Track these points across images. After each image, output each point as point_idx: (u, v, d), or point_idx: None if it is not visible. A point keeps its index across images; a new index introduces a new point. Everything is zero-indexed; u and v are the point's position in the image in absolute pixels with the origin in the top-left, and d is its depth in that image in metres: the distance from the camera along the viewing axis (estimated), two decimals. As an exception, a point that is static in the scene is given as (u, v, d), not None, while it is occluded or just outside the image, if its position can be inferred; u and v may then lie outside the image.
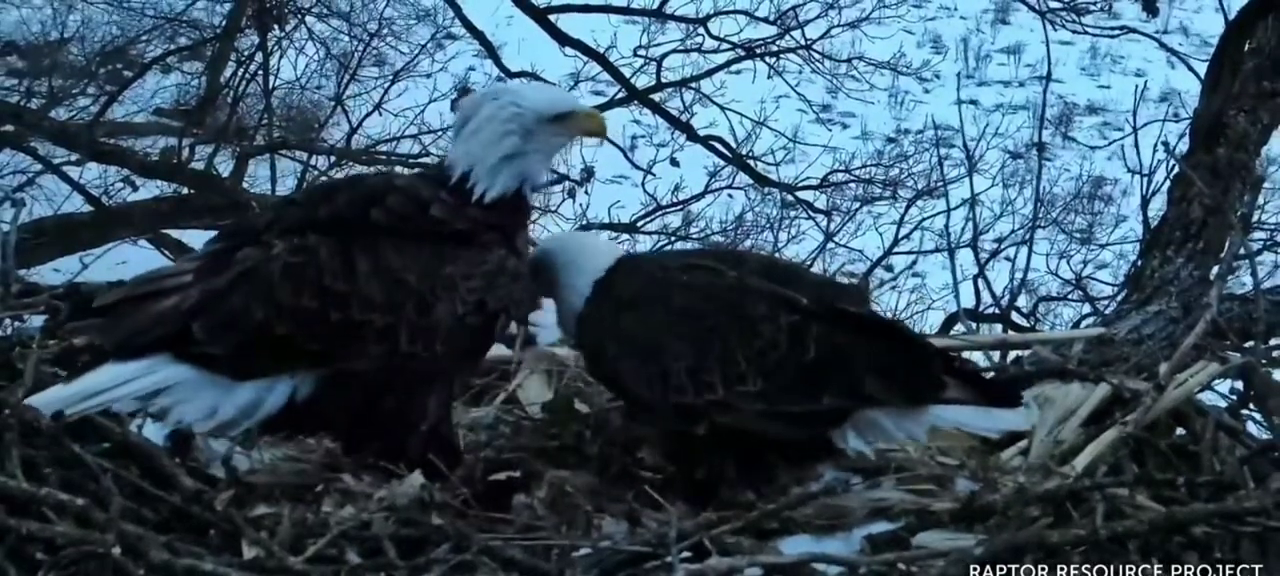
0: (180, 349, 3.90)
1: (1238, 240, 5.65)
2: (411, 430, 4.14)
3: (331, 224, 3.96)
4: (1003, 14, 21.38)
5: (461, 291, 3.99)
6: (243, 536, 3.76)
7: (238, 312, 3.89)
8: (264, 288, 3.88)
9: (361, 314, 3.89)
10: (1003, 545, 3.75)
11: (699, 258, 4.43)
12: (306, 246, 3.92)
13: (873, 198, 14.55)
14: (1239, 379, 5.06)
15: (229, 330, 3.88)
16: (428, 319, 3.96)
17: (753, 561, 3.70)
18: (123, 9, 14.75)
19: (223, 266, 3.96)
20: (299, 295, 3.88)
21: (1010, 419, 4.18)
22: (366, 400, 4.05)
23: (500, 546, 3.76)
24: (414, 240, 3.98)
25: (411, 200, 4.02)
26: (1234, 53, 6.69)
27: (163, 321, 3.91)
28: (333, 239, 3.92)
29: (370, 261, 3.91)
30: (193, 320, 3.89)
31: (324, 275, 3.89)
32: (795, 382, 4.16)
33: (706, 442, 4.25)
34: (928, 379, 4.22)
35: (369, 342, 3.92)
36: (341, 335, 3.91)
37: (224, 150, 13.77)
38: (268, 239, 3.98)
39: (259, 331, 3.88)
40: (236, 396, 3.98)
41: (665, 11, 14.02)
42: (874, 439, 4.26)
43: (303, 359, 3.94)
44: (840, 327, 4.22)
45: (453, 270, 3.99)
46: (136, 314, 3.92)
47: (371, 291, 3.90)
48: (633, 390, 4.27)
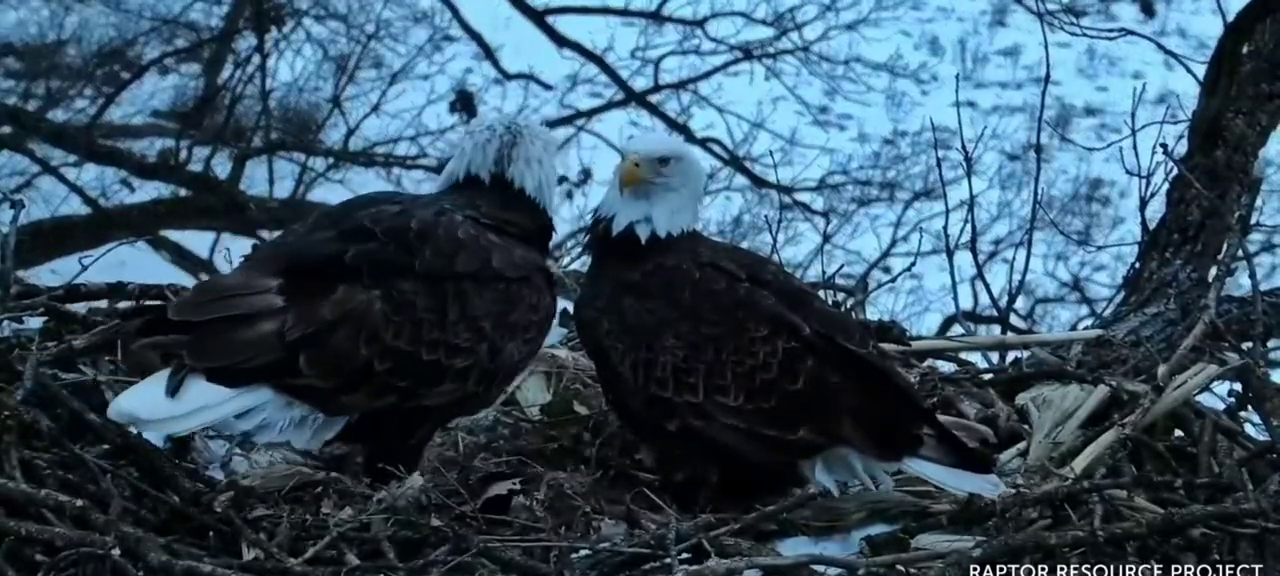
0: (280, 376, 4.02)
1: (1236, 242, 5.65)
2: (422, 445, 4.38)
3: (423, 272, 4.16)
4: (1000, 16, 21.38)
5: (520, 339, 4.30)
6: (242, 538, 3.77)
7: (344, 350, 4.05)
8: (371, 330, 4.07)
9: (448, 358, 4.16)
10: (1001, 546, 3.76)
11: (725, 255, 4.43)
12: (405, 290, 4.12)
13: (870, 199, 14.56)
14: (1237, 381, 5.06)
15: (334, 365, 4.04)
16: (496, 362, 4.24)
17: (751, 563, 3.72)
18: (120, 11, 14.74)
19: (315, 295, 4.06)
20: (399, 337, 4.10)
21: (979, 483, 4.19)
22: (412, 426, 4.26)
23: (499, 547, 3.76)
24: (491, 283, 4.24)
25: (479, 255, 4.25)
26: (1232, 55, 6.68)
27: (264, 349, 3.99)
28: (426, 283, 4.15)
29: (459, 308, 4.17)
30: (300, 352, 4.01)
31: (422, 322, 4.13)
32: (776, 409, 4.18)
33: (686, 447, 4.26)
34: (904, 435, 4.23)
35: (447, 381, 4.17)
36: (427, 375, 4.14)
37: (222, 152, 13.77)
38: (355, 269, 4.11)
39: (361, 369, 4.07)
40: (315, 421, 4.13)
41: (663, 13, 14.03)
42: (842, 476, 4.27)
43: (386, 394, 4.13)
44: (833, 365, 4.22)
45: (517, 317, 4.27)
46: (231, 336, 3.98)
47: (458, 337, 4.17)
48: (617, 368, 4.28)
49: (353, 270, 4.10)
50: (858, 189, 14.70)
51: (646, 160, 4.36)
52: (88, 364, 4.60)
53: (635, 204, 4.38)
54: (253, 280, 4.08)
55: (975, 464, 4.23)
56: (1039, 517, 4.11)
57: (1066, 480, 4.35)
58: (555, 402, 4.86)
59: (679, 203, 4.41)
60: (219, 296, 4.06)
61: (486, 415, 4.84)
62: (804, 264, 12.05)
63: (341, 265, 4.10)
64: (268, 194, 13.40)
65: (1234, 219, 6.01)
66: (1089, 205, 15.26)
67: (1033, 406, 4.91)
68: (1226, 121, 6.66)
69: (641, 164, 4.35)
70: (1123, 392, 4.91)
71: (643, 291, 4.30)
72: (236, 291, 4.07)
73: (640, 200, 4.37)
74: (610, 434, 4.65)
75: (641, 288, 4.31)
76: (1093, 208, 15.45)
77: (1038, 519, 4.11)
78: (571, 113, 14.43)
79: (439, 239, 4.20)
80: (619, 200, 4.40)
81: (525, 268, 4.31)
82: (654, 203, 4.38)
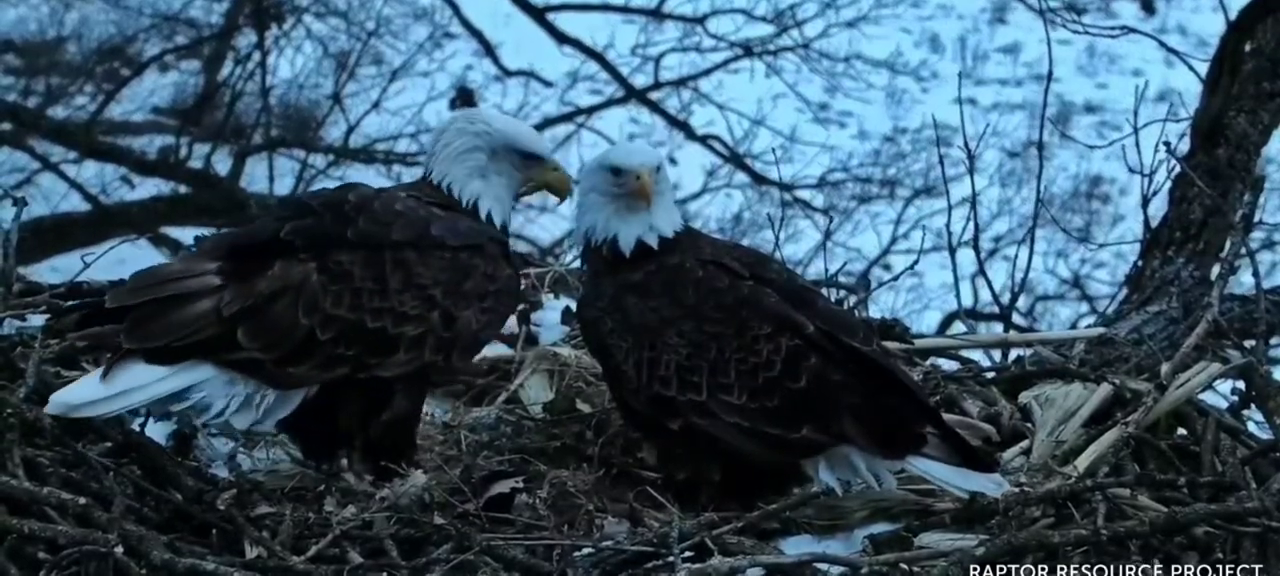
0: (219, 352, 4.00)
1: (1238, 240, 5.64)
2: (408, 429, 4.33)
3: (358, 241, 4.16)
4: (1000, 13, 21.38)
5: (477, 307, 4.25)
6: (245, 536, 3.77)
7: (283, 320, 4.04)
8: (310, 298, 4.06)
9: (396, 326, 4.14)
10: (1004, 545, 3.76)
11: (727, 253, 4.43)
12: (341, 260, 4.13)
13: (871, 197, 14.56)
14: (1240, 379, 5.05)
15: (274, 336, 4.03)
16: (452, 330, 4.20)
17: (754, 561, 3.71)
18: (120, 8, 14.73)
19: (253, 272, 4.06)
20: (340, 306, 4.09)
21: (983, 482, 4.18)
22: (379, 402, 4.20)
23: (502, 546, 3.76)
24: (433, 251, 4.21)
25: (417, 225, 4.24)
26: (1234, 53, 6.68)
27: (202, 324, 3.99)
28: (362, 253, 4.16)
29: (402, 276, 4.17)
30: (238, 325, 4.00)
31: (361, 291, 4.13)
32: (779, 407, 4.18)
33: (688, 445, 4.26)
34: (908, 434, 4.22)
35: (400, 351, 4.14)
36: (376, 344, 4.12)
37: (222, 149, 13.76)
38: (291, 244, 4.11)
39: (303, 339, 4.05)
40: (264, 399, 4.09)
41: (663, 11, 14.02)
42: (845, 476, 4.25)
43: (337, 365, 4.10)
44: (836, 363, 4.22)
45: (471, 286, 4.24)
46: (167, 316, 3.99)
47: (403, 305, 4.15)
48: (620, 367, 4.28)
49: (288, 245, 4.11)
50: (858, 186, 14.70)
51: (650, 173, 4.37)
52: (89, 362, 4.59)
53: (633, 219, 4.38)
54: (192, 265, 4.10)
55: (979, 462, 4.23)
56: (1042, 516, 4.11)
57: (1069, 478, 4.35)
58: (558, 401, 4.86)
59: (666, 202, 4.44)
60: (156, 281, 4.06)
61: (489, 413, 4.85)
62: (805, 261, 12.05)
63: (278, 242, 4.12)
64: (268, 191, 13.39)
65: (1236, 217, 6.00)
66: (1089, 203, 15.26)
67: (1035, 405, 4.90)
68: (1228, 120, 6.67)
69: (647, 177, 4.36)
70: (1125, 391, 4.91)
71: (645, 290, 4.30)
72: (174, 276, 4.08)
73: (638, 214, 4.37)
74: (613, 432, 4.65)
75: (644, 287, 4.31)
76: (1093, 205, 15.45)
77: (1040, 517, 4.10)
78: (572, 110, 14.43)
79: (375, 210, 4.22)
80: (613, 219, 4.39)
81: (472, 237, 4.30)
82: (651, 211, 4.38)
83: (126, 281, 4.16)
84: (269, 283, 4.05)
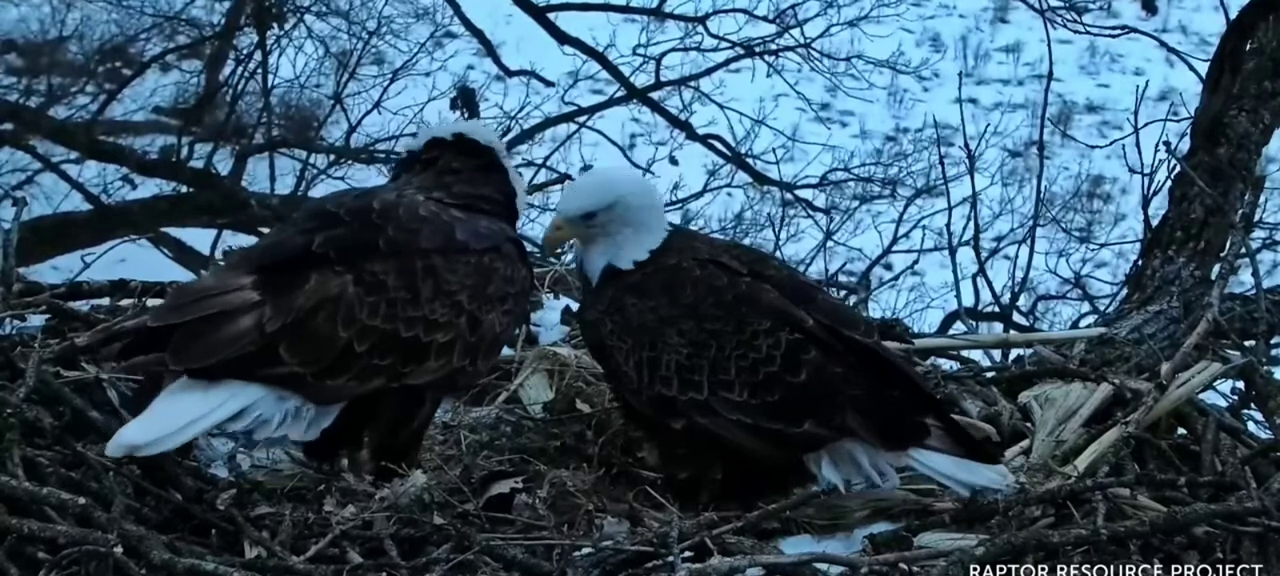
0: (260, 369, 4.01)
1: (1239, 240, 5.64)
2: (421, 434, 4.39)
3: (390, 250, 4.18)
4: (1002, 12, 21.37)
5: (499, 310, 4.32)
6: (244, 536, 3.77)
7: (323, 333, 4.05)
8: (347, 310, 4.08)
9: (427, 334, 4.17)
10: (1004, 545, 3.76)
11: (725, 252, 4.43)
12: (376, 270, 4.14)
13: (872, 196, 14.54)
14: (1240, 379, 5.06)
15: (315, 350, 4.04)
16: (477, 334, 4.26)
17: (754, 561, 3.71)
18: (121, 7, 14.71)
19: (290, 286, 4.07)
20: (376, 316, 4.11)
21: (987, 475, 4.18)
22: (409, 410, 4.26)
23: (501, 546, 3.76)
24: (459, 256, 4.25)
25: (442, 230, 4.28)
26: (1235, 52, 6.69)
27: (245, 341, 4.00)
28: (395, 261, 4.17)
29: (432, 284, 4.19)
30: (280, 341, 4.01)
31: (397, 300, 4.14)
32: (780, 402, 4.18)
33: (689, 444, 4.25)
34: (910, 425, 4.22)
35: (431, 358, 4.18)
36: (409, 353, 4.15)
37: (223, 148, 13.75)
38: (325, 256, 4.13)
39: (341, 352, 4.07)
40: (308, 410, 4.11)
41: (664, 10, 14.01)
42: (849, 472, 4.24)
43: (373, 376, 4.12)
44: (837, 357, 4.22)
45: (494, 289, 4.30)
46: (210, 334, 3.99)
47: (434, 313, 4.19)
48: (621, 368, 4.29)
49: (322, 256, 4.12)
50: (859, 186, 14.67)
51: (569, 221, 4.39)
52: (90, 361, 4.59)
53: (597, 251, 4.41)
54: (227, 280, 4.10)
55: (983, 454, 4.22)
56: (1042, 516, 4.11)
57: (1069, 478, 4.35)
58: (558, 400, 4.86)
59: (632, 234, 4.40)
60: (196, 298, 4.07)
61: (489, 413, 4.85)
62: (806, 260, 12.04)
63: (310, 254, 4.12)
64: (269, 191, 13.38)
65: (1237, 216, 6.00)
66: (1090, 202, 15.24)
67: (1035, 404, 4.90)
68: (1229, 119, 6.67)
69: (564, 226, 4.40)
70: (1126, 390, 4.91)
71: (644, 290, 4.31)
72: (212, 292, 4.07)
73: (601, 244, 4.39)
74: (613, 432, 4.66)
75: (643, 287, 4.32)
76: (1094, 204, 15.43)
77: (1040, 517, 4.10)
78: (573, 109, 14.40)
79: (401, 216, 4.23)
80: (581, 250, 4.46)
81: (491, 238, 4.34)
82: (611, 244, 4.39)
83: (164, 301, 4.21)
84: (307, 296, 4.06)
